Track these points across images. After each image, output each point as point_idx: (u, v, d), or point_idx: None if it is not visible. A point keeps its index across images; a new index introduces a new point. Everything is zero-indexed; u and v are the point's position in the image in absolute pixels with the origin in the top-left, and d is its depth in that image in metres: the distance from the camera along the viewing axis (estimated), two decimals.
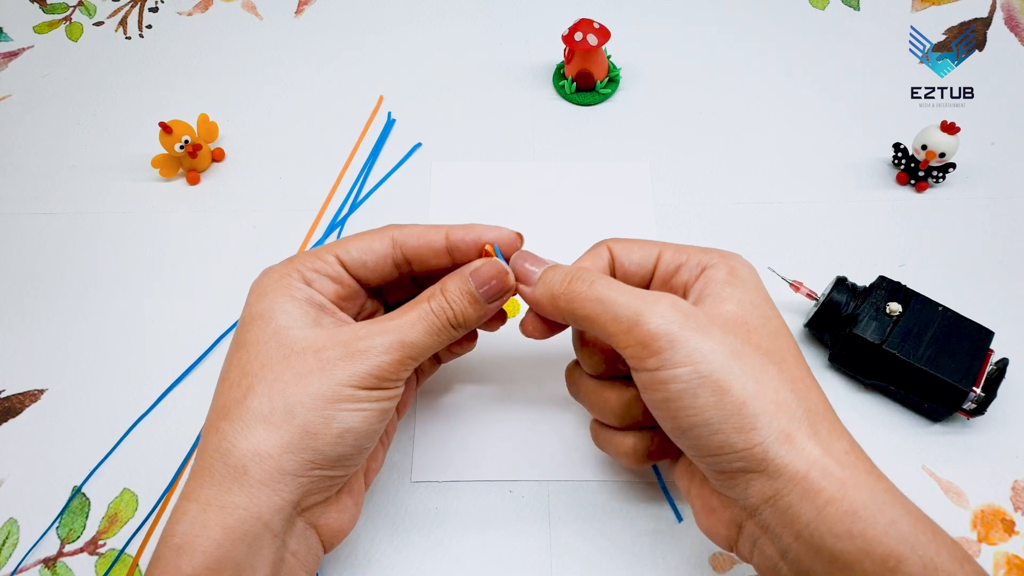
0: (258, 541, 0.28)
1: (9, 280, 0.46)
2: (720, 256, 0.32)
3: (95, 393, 0.42)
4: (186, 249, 0.47)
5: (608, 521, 0.38)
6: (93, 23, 0.60)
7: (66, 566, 0.37)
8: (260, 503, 0.28)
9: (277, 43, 0.58)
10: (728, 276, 0.31)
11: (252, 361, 0.30)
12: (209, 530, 0.27)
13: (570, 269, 0.32)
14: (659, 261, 0.33)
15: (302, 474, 0.29)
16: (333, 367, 0.29)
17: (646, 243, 0.34)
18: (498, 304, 0.32)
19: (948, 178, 0.49)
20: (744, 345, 0.28)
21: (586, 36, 0.50)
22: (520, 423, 0.40)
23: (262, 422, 0.28)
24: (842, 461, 0.27)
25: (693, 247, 0.33)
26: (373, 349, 0.30)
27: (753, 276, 0.32)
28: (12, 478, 0.39)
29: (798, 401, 0.28)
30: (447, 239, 0.33)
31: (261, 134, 0.53)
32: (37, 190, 0.50)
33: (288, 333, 0.30)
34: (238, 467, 0.28)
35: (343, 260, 0.33)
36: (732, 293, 0.30)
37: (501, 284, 0.32)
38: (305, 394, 0.29)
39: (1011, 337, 0.41)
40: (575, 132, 0.53)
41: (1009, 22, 0.59)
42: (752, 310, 0.30)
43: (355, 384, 0.29)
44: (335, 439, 0.29)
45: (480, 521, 0.38)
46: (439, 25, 0.59)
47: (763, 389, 0.27)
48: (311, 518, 0.30)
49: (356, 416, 0.29)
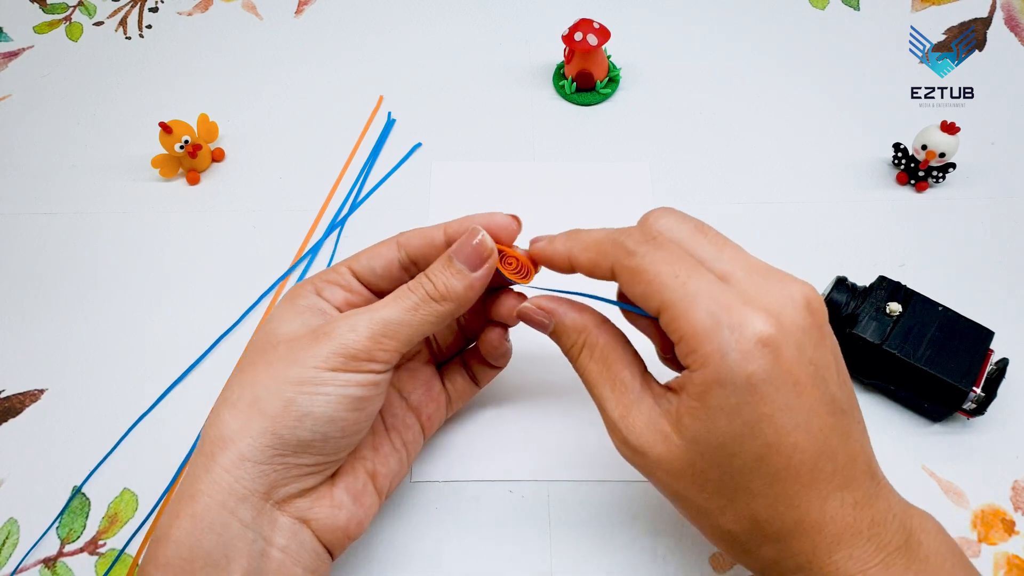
0: (227, 531, 0.28)
1: (9, 280, 0.46)
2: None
3: (95, 393, 0.42)
4: (186, 249, 0.47)
5: (608, 521, 0.38)
6: (93, 23, 0.60)
7: (66, 566, 0.37)
8: (222, 489, 0.28)
9: (277, 43, 0.58)
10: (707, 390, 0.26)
11: (242, 361, 0.31)
12: (180, 519, 0.27)
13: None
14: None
15: (263, 461, 0.28)
16: (301, 350, 0.29)
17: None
18: (484, 272, 0.31)
19: (948, 178, 0.49)
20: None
21: (586, 36, 0.50)
22: (520, 423, 0.40)
23: (229, 408, 0.29)
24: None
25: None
26: (340, 328, 0.29)
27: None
28: (12, 478, 0.39)
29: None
30: (444, 233, 0.33)
31: (261, 134, 0.53)
32: (37, 190, 0.50)
33: (274, 333, 0.31)
34: (207, 454, 0.28)
35: (354, 269, 0.33)
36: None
37: (481, 248, 0.31)
38: (270, 379, 0.29)
39: (1011, 337, 0.41)
40: (575, 132, 0.53)
41: (1009, 22, 0.59)
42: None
43: (319, 365, 0.29)
44: (294, 422, 0.28)
45: (480, 521, 0.38)
46: (439, 25, 0.59)
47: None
48: (295, 512, 0.30)
49: (316, 399, 0.29)
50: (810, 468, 0.26)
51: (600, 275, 0.30)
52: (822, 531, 0.26)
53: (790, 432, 0.25)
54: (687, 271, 0.27)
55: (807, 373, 0.26)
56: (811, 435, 0.26)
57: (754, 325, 0.25)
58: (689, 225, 0.29)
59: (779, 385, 0.25)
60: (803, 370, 0.26)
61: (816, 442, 0.26)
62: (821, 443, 0.26)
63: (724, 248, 0.28)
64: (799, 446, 0.26)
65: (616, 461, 0.39)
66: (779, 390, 0.25)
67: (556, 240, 0.32)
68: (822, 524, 0.26)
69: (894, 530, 0.27)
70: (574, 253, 0.31)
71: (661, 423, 0.28)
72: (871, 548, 0.26)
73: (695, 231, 0.29)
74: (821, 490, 0.26)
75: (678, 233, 0.28)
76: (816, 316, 0.27)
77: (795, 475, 0.26)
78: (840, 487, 0.26)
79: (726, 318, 0.25)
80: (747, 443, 0.26)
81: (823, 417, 0.26)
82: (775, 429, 0.25)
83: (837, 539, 0.26)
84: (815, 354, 0.26)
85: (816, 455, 0.26)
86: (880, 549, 0.26)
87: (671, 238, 0.28)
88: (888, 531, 0.27)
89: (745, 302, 0.26)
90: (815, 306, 0.27)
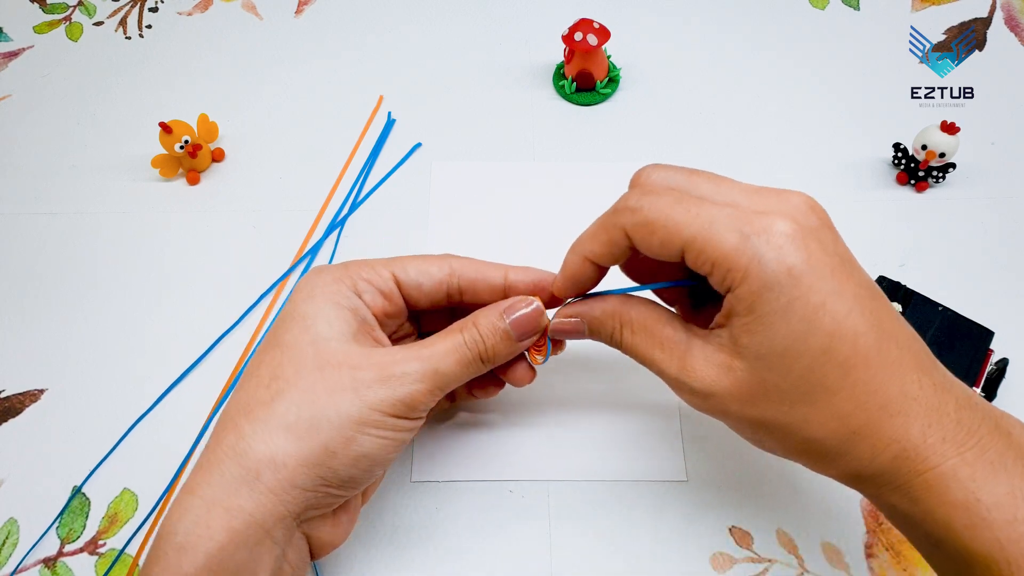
0: (259, 548, 0.28)
1: (9, 280, 0.46)
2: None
3: (95, 393, 0.42)
4: (186, 249, 0.47)
5: (608, 521, 0.38)
6: (93, 23, 0.60)
7: (66, 566, 0.37)
8: (266, 511, 0.28)
9: (277, 43, 0.58)
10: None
11: (286, 365, 0.29)
12: (213, 531, 0.27)
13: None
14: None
15: (311, 489, 0.28)
16: (367, 388, 0.29)
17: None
18: (528, 343, 0.32)
19: (948, 178, 0.49)
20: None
21: (586, 36, 0.50)
22: (520, 423, 0.40)
23: (285, 430, 0.28)
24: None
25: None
26: (408, 376, 0.29)
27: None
28: (12, 478, 0.39)
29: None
30: (506, 279, 0.33)
31: (261, 134, 0.53)
32: (37, 190, 0.50)
33: (327, 344, 0.30)
34: (252, 470, 0.28)
35: (399, 278, 0.33)
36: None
37: (536, 326, 0.32)
38: (334, 411, 0.28)
39: (1011, 337, 0.41)
40: (575, 132, 0.53)
41: (1009, 22, 0.59)
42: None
43: (384, 410, 0.29)
44: (352, 461, 0.29)
45: (480, 521, 0.38)
46: (439, 25, 0.59)
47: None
48: (307, 529, 0.30)
49: (377, 442, 0.29)
50: (877, 351, 0.26)
51: (619, 252, 0.30)
52: (909, 414, 0.26)
53: (846, 317, 0.26)
54: (696, 205, 0.27)
55: (840, 260, 0.27)
56: (866, 317, 0.26)
57: (777, 226, 0.26)
58: (681, 171, 0.29)
59: (820, 273, 0.26)
60: (835, 258, 0.26)
61: (873, 324, 0.26)
62: (878, 324, 0.26)
63: (721, 183, 0.28)
64: (859, 330, 0.26)
65: (616, 461, 0.39)
66: (822, 278, 0.26)
67: (564, 262, 0.32)
68: (907, 406, 0.26)
69: (981, 416, 0.26)
70: (586, 251, 0.31)
71: (718, 357, 0.28)
72: (962, 432, 0.26)
73: (689, 174, 0.29)
74: (894, 372, 0.26)
75: (673, 180, 0.29)
76: (822, 216, 0.27)
77: (865, 360, 0.26)
78: (913, 368, 0.27)
79: (749, 228, 0.26)
80: (809, 339, 0.26)
81: (869, 301, 0.27)
82: (831, 317, 0.26)
83: (927, 421, 0.26)
84: (836, 247, 0.27)
85: (878, 337, 0.26)
86: (971, 434, 0.26)
87: (668, 186, 0.29)
88: (975, 416, 0.26)
89: (760, 213, 0.26)
90: (819, 210, 0.27)
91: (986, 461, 0.25)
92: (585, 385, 0.41)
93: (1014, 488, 0.25)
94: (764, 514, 0.38)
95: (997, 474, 0.25)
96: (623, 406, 0.41)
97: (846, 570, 0.36)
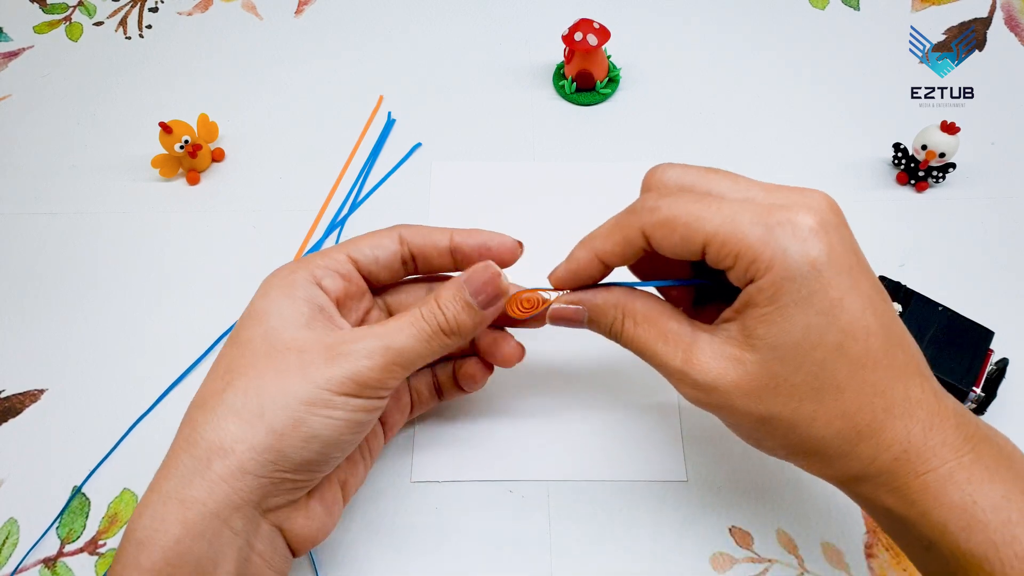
0: (218, 538, 0.28)
1: (9, 280, 0.46)
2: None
3: (95, 393, 0.42)
4: (186, 249, 0.47)
5: (608, 521, 0.38)
6: (93, 23, 0.60)
7: (66, 566, 0.37)
8: (219, 499, 0.27)
9: (277, 43, 0.58)
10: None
11: (238, 358, 0.30)
12: (168, 525, 0.27)
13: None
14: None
15: (263, 475, 0.28)
16: (314, 368, 0.29)
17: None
18: (493, 311, 0.32)
19: (948, 178, 0.49)
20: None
21: (586, 36, 0.50)
22: (520, 423, 0.40)
23: (234, 416, 0.28)
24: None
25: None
26: (356, 352, 0.29)
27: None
28: (12, 478, 0.39)
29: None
30: (451, 240, 0.33)
31: (261, 134, 0.53)
32: (37, 190, 0.50)
33: (277, 333, 0.30)
34: (202, 459, 0.28)
35: (354, 258, 0.33)
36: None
37: (495, 289, 0.31)
38: (279, 393, 0.28)
39: (1011, 337, 0.41)
40: (575, 132, 0.53)
41: (1009, 22, 0.59)
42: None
43: (332, 388, 0.29)
44: (301, 443, 0.28)
45: (480, 521, 0.38)
46: (439, 25, 0.59)
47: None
48: (276, 520, 0.30)
49: (326, 423, 0.29)
50: (886, 352, 0.27)
51: (632, 253, 0.30)
52: (912, 415, 0.27)
53: (861, 315, 0.26)
54: (716, 202, 0.27)
55: (856, 259, 0.27)
56: (879, 318, 0.27)
57: (801, 219, 0.26)
58: (694, 170, 0.29)
59: (840, 268, 0.26)
60: (852, 256, 0.27)
61: (884, 326, 0.27)
62: (888, 327, 0.27)
63: (738, 180, 0.29)
64: (871, 329, 0.26)
65: (616, 461, 0.39)
66: (841, 273, 0.26)
67: (571, 255, 0.32)
68: (910, 409, 0.27)
69: (975, 425, 0.27)
70: (597, 248, 0.31)
71: (727, 350, 0.28)
72: (960, 436, 0.26)
73: (703, 173, 0.29)
74: (901, 375, 0.27)
75: (688, 179, 0.29)
76: (840, 217, 0.28)
77: (875, 361, 0.26)
78: (917, 374, 0.27)
79: (773, 220, 0.26)
80: (825, 333, 0.26)
81: (882, 302, 0.27)
82: (847, 314, 0.26)
83: (929, 425, 0.27)
84: (853, 245, 0.27)
85: (887, 339, 0.27)
86: (968, 439, 0.27)
87: (684, 184, 0.29)
88: (970, 424, 0.27)
89: (781, 207, 0.27)
90: (836, 208, 0.28)
91: (982, 466, 0.26)
92: (585, 385, 0.41)
93: (1008, 492, 0.26)
94: (764, 514, 0.38)
95: (992, 479, 0.26)
96: (623, 406, 0.41)
97: (846, 570, 0.36)
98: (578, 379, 0.42)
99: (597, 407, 0.41)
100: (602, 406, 0.41)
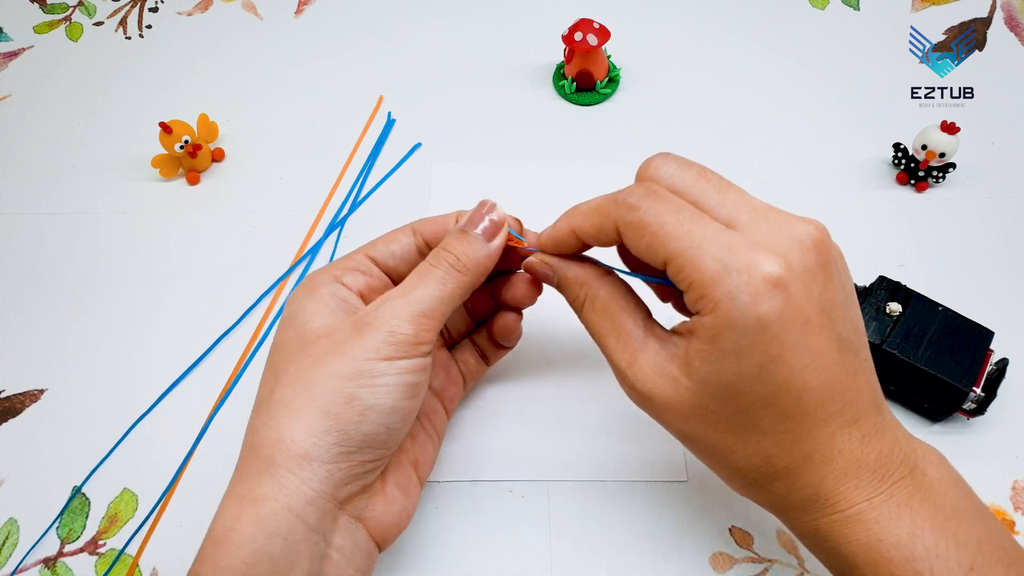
0: (293, 535, 0.27)
1: (9, 280, 0.46)
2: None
3: (95, 393, 0.42)
4: (186, 249, 0.47)
5: (608, 521, 0.38)
6: (93, 23, 0.60)
7: (66, 566, 0.37)
8: (289, 493, 0.27)
9: (277, 43, 0.58)
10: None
11: (278, 360, 0.30)
12: (242, 523, 0.27)
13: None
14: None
15: (329, 460, 0.28)
16: (346, 346, 0.29)
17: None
18: (499, 242, 0.32)
19: (948, 178, 0.49)
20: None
21: (586, 36, 0.50)
22: (520, 423, 0.40)
23: (284, 409, 0.28)
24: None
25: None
26: (381, 317, 0.30)
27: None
28: (12, 478, 0.39)
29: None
30: (457, 219, 0.34)
31: (261, 134, 0.53)
32: (37, 190, 0.50)
33: (306, 328, 0.30)
34: (266, 458, 0.28)
35: (371, 256, 0.34)
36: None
37: (494, 216, 0.32)
38: (322, 376, 0.29)
39: (1011, 337, 0.41)
40: (575, 132, 0.53)
41: (1009, 22, 0.59)
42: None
43: (371, 357, 0.29)
44: (358, 417, 0.28)
45: (480, 521, 0.38)
46: (439, 25, 0.59)
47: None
48: (354, 511, 0.30)
49: (376, 391, 0.29)
50: (819, 406, 0.26)
51: (606, 239, 0.30)
52: (830, 465, 0.27)
53: (800, 372, 0.26)
54: (691, 220, 0.27)
55: (816, 313, 0.26)
56: (820, 374, 0.26)
57: (762, 267, 0.25)
58: (692, 172, 0.28)
59: (789, 326, 0.25)
60: (812, 310, 0.26)
61: (825, 381, 0.26)
62: (830, 381, 0.26)
63: (728, 193, 0.28)
64: (808, 385, 0.26)
65: (616, 461, 0.39)
66: (789, 331, 0.25)
67: (556, 223, 0.32)
68: (830, 458, 0.27)
69: (899, 462, 0.27)
70: (576, 223, 0.31)
71: (668, 367, 0.28)
72: (876, 478, 0.27)
73: (697, 178, 0.28)
74: (829, 426, 0.27)
75: (679, 181, 0.28)
76: (823, 255, 0.26)
77: (804, 413, 0.26)
78: (848, 423, 0.27)
79: (734, 262, 0.25)
80: (757, 384, 0.26)
81: (831, 356, 0.26)
82: (785, 369, 0.26)
83: (844, 471, 0.27)
84: (823, 294, 0.26)
85: (825, 393, 0.26)
86: (885, 479, 0.27)
87: (672, 187, 0.28)
88: (893, 462, 0.27)
89: (752, 245, 0.26)
90: (822, 246, 0.27)
91: (893, 503, 0.27)
92: (586, 385, 0.41)
93: (915, 528, 0.26)
94: (764, 514, 0.38)
95: (901, 516, 0.26)
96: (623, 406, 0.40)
97: None
98: (578, 379, 0.42)
99: (598, 407, 0.41)
100: (603, 406, 0.41)
